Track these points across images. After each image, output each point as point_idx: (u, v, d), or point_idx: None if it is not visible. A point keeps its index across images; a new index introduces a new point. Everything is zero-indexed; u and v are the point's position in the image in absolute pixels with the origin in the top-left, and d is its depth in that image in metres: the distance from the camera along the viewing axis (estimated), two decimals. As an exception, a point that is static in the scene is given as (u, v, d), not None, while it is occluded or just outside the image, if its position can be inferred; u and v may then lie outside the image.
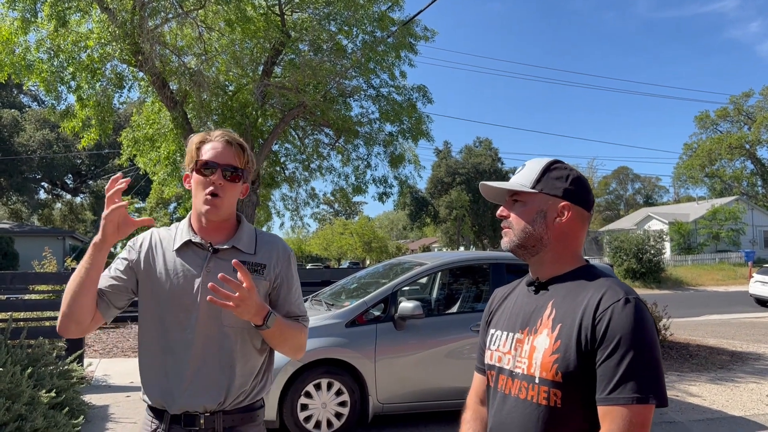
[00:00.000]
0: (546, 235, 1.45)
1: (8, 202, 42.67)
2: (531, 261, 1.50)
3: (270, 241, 1.87)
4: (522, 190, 1.48)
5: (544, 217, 1.45)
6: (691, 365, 8.68)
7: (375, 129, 12.72)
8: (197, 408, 1.72)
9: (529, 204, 1.47)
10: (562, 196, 1.45)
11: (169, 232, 1.86)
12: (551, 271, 1.47)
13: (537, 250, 1.47)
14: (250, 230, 1.87)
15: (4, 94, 38.39)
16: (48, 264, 12.29)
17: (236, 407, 1.76)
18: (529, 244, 1.46)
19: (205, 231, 1.80)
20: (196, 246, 1.79)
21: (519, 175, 1.53)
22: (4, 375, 4.17)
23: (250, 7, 10.10)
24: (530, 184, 1.48)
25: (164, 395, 1.74)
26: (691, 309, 17.86)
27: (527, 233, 1.46)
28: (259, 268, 1.79)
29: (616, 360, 1.25)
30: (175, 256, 1.78)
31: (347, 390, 5.21)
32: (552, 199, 1.46)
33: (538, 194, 1.47)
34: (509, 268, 6.00)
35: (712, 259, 37.55)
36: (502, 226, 1.52)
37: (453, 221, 47.39)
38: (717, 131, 58.04)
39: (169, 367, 1.74)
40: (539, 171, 1.49)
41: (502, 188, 1.51)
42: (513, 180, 1.52)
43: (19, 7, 9.30)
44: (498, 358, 1.49)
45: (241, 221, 1.87)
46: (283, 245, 1.88)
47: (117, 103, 11.62)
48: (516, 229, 1.48)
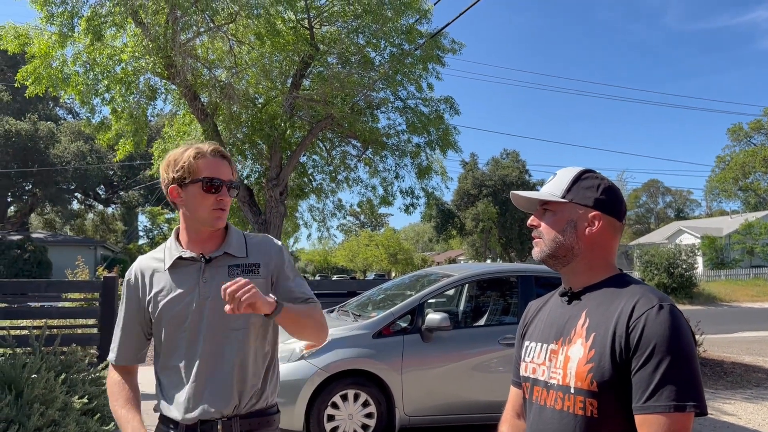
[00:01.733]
0: (577, 245, 1.44)
1: (43, 213, 43.68)
2: (563, 271, 1.49)
3: (260, 241, 1.90)
4: (552, 199, 1.47)
5: (574, 227, 1.44)
6: (726, 383, 8.46)
7: (402, 141, 12.76)
8: (214, 414, 1.73)
9: (559, 214, 1.46)
10: (593, 205, 1.44)
11: (156, 254, 1.89)
12: (584, 280, 1.45)
13: (568, 260, 1.45)
14: (238, 235, 1.90)
15: (41, 107, 39.43)
16: (80, 273, 12.52)
17: (251, 410, 1.77)
18: (560, 254, 1.45)
19: (195, 243, 1.83)
20: (187, 260, 1.81)
21: (550, 184, 1.52)
22: (39, 381, 4.25)
23: (280, 21, 10.25)
24: (561, 193, 1.47)
25: (179, 406, 1.76)
26: (724, 325, 17.43)
27: (558, 243, 1.45)
28: (254, 267, 1.82)
29: (651, 367, 1.24)
30: (168, 274, 1.81)
31: (374, 401, 5.19)
32: (582, 208, 1.44)
33: (569, 204, 1.45)
34: (538, 281, 5.94)
35: (746, 275, 36.68)
36: (533, 236, 1.51)
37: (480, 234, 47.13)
38: (751, 144, 56.92)
39: (182, 379, 1.76)
40: (570, 180, 1.47)
41: (532, 198, 1.51)
42: (544, 189, 1.52)
43: (57, 22, 9.56)
44: (533, 369, 1.48)
45: (228, 228, 1.90)
46: (273, 242, 1.91)
47: (150, 116, 11.85)
48: (546, 239, 1.47)
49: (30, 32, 10.27)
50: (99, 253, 32.54)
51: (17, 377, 4.25)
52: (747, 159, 53.64)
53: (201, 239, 1.83)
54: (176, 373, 1.78)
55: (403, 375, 5.22)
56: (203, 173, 1.77)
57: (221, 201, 1.78)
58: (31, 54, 10.04)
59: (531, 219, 1.52)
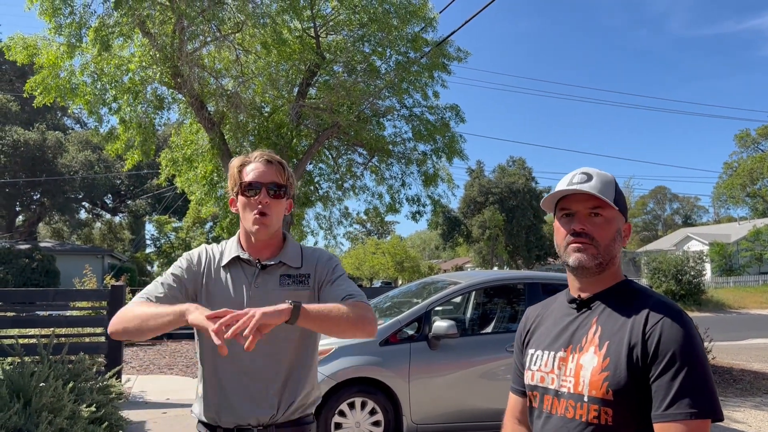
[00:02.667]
0: (618, 254, 1.42)
1: (50, 222, 43.89)
2: (592, 279, 1.42)
3: (314, 253, 1.92)
4: (611, 204, 1.38)
5: (620, 236, 1.42)
6: (735, 390, 8.40)
7: (408, 148, 12.78)
8: (250, 421, 1.75)
9: (611, 221, 1.40)
10: (624, 215, 1.44)
11: (219, 248, 1.91)
12: (595, 288, 1.44)
13: (608, 267, 1.41)
14: (295, 246, 1.91)
15: (49, 117, 39.71)
16: (88, 282, 12.58)
17: (288, 420, 1.78)
18: (606, 262, 1.40)
19: (254, 248, 1.85)
20: (244, 262, 1.84)
21: (590, 185, 1.39)
22: (47, 389, 4.26)
23: (286, 30, 10.30)
24: (612, 199, 1.39)
25: (218, 410, 1.78)
26: (733, 332, 17.31)
27: (610, 251, 1.39)
28: (304, 278, 1.83)
29: (670, 375, 1.24)
30: (224, 271, 1.83)
31: (381, 409, 5.18)
32: (622, 218, 1.42)
33: (616, 211, 1.40)
34: (545, 288, 5.93)
35: (755, 281, 36.44)
36: (582, 241, 1.38)
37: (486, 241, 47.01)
38: (758, 150, 56.66)
39: (222, 382, 1.78)
40: (614, 186, 1.41)
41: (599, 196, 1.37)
42: (590, 189, 1.39)
43: (65, 32, 9.64)
44: (540, 378, 1.45)
45: (286, 238, 1.92)
46: (323, 253, 1.93)
47: (157, 125, 11.92)
48: (602, 246, 1.38)
49: (38, 43, 10.36)
50: (106, 261, 32.63)
51: (26, 386, 4.27)
52: (755, 165, 53.37)
53: (258, 247, 1.85)
54: (217, 375, 1.79)
55: (410, 383, 5.21)
56: (245, 179, 1.80)
57: (260, 204, 1.77)
58: (40, 65, 10.13)
59: (581, 225, 1.38)
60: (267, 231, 1.80)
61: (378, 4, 10.79)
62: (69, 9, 9.50)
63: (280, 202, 1.81)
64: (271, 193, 1.79)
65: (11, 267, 26.81)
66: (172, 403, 7.01)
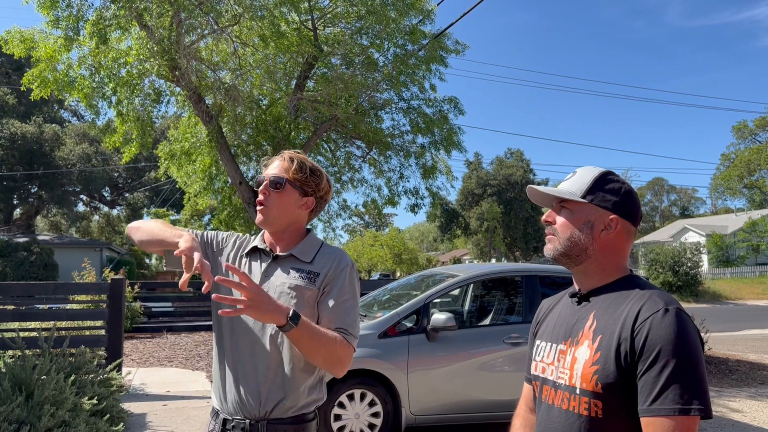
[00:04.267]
0: (591, 246, 1.44)
1: (48, 215, 43.85)
2: (574, 271, 1.50)
3: (331, 253, 1.92)
4: (572, 198, 1.46)
5: (591, 228, 1.44)
6: (731, 381, 8.47)
7: (407, 141, 12.78)
8: (243, 414, 1.78)
9: (577, 213, 1.46)
10: (612, 209, 1.44)
11: (250, 239, 2.02)
12: (594, 282, 1.47)
13: (581, 260, 1.46)
14: (314, 242, 1.95)
15: (46, 110, 39.56)
16: (87, 275, 12.60)
17: (282, 417, 1.78)
18: (573, 254, 1.46)
19: (273, 240, 1.93)
20: (261, 252, 1.93)
21: (569, 181, 1.51)
22: (49, 382, 4.30)
23: (284, 23, 10.28)
24: (581, 193, 1.46)
25: (219, 398, 1.86)
26: (730, 323, 17.41)
27: (572, 242, 1.45)
28: (312, 276, 1.84)
29: (656, 370, 1.25)
30: (245, 259, 1.94)
31: (380, 401, 5.23)
32: (602, 210, 1.45)
33: (587, 204, 1.45)
34: (542, 280, 5.97)
35: (752, 272, 36.58)
36: (547, 232, 1.51)
37: (484, 233, 47.11)
38: (756, 141, 56.72)
39: (224, 372, 1.86)
40: (591, 180, 1.47)
41: (551, 194, 1.50)
42: (562, 186, 1.51)
43: (62, 25, 9.61)
44: (542, 369, 1.50)
45: (308, 233, 1.97)
46: (342, 257, 1.90)
47: (155, 117, 11.90)
48: (561, 237, 1.47)
49: (35, 36, 10.32)
50: (105, 254, 32.65)
51: (28, 378, 4.31)
52: (752, 156, 53.44)
53: (275, 238, 1.93)
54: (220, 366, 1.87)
55: (408, 374, 5.26)
56: None
57: (260, 195, 1.88)
58: (37, 58, 10.10)
59: (546, 215, 1.52)
60: (265, 221, 1.88)
61: (376, -4, 10.76)
62: (66, 2, 9.47)
63: (281, 194, 1.87)
64: (272, 186, 1.87)
65: (9, 260, 26.81)
66: (173, 395, 7.06)
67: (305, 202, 1.91)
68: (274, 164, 1.92)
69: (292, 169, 1.89)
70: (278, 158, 1.93)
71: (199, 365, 8.90)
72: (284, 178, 1.87)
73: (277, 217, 1.88)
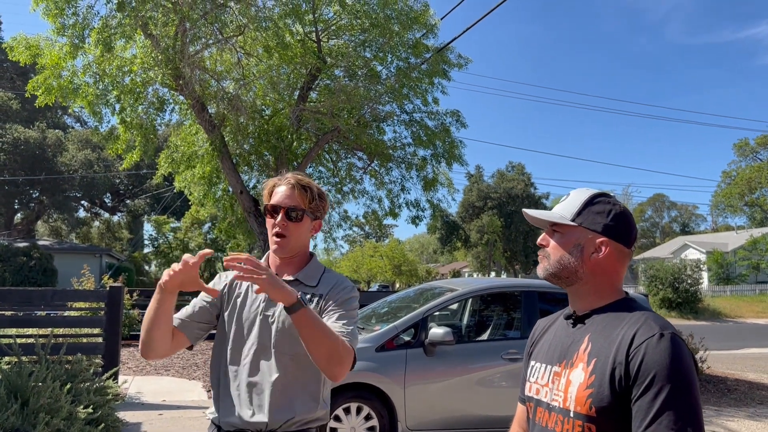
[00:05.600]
0: (581, 269, 1.45)
1: (49, 220, 43.86)
2: (568, 291, 1.51)
3: (333, 276, 1.98)
4: (561, 222, 1.48)
5: (580, 251, 1.45)
6: (729, 400, 8.43)
7: (408, 153, 12.82)
8: (248, 427, 1.81)
9: (567, 236, 1.47)
10: (601, 231, 1.45)
11: None
12: (588, 304, 1.47)
13: (571, 281, 1.47)
14: (317, 267, 1.99)
15: (50, 115, 39.71)
16: (86, 281, 12.58)
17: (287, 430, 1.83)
18: (563, 275, 1.47)
19: (279, 265, 1.96)
20: None
21: (561, 205, 1.53)
22: (45, 390, 4.28)
23: (288, 34, 10.34)
24: (570, 216, 1.48)
25: (221, 412, 1.87)
26: (729, 341, 17.35)
27: (562, 264, 1.47)
28: (316, 297, 1.90)
29: (651, 396, 1.24)
30: (248, 286, 1.95)
31: (376, 415, 5.20)
32: (591, 233, 1.45)
33: (577, 227, 1.47)
34: (542, 296, 5.96)
35: (751, 291, 36.49)
36: (539, 254, 1.54)
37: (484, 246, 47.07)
38: (757, 159, 56.76)
39: (227, 386, 1.87)
40: (581, 203, 1.48)
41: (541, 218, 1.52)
42: (555, 210, 1.53)
43: (68, 33, 9.67)
44: (536, 390, 1.50)
45: (311, 258, 2.00)
46: (342, 281, 1.97)
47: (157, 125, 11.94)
48: (552, 259, 1.49)
49: (41, 43, 10.39)
50: (104, 261, 32.60)
51: (23, 386, 4.29)
52: (753, 174, 53.45)
53: (282, 264, 1.96)
54: (223, 380, 1.89)
55: (405, 389, 5.24)
56: (268, 201, 1.93)
57: (276, 225, 1.88)
58: (42, 65, 10.16)
59: (541, 238, 1.53)
60: (283, 251, 1.91)
61: (380, 9, 10.84)
62: (72, 10, 9.54)
63: (299, 224, 1.91)
64: (290, 217, 1.89)
65: (9, 265, 26.78)
66: (168, 404, 7.03)
67: (314, 225, 1.97)
68: (285, 191, 1.92)
69: (307, 198, 1.93)
70: (286, 184, 1.93)
71: (195, 375, 8.87)
72: (302, 210, 1.91)
73: (294, 247, 1.93)
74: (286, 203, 1.89)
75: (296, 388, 1.83)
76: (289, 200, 1.89)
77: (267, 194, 1.95)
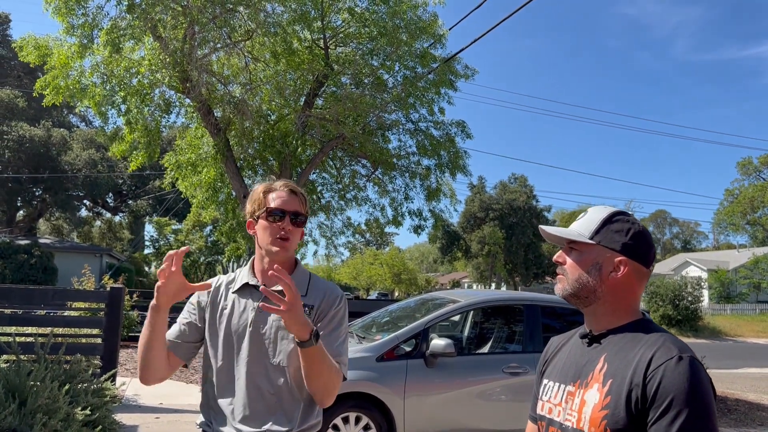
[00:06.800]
0: (600, 288, 1.42)
1: (51, 218, 43.88)
2: (585, 311, 1.48)
3: (323, 285, 1.97)
4: (579, 240, 1.45)
5: (599, 270, 1.43)
6: (729, 420, 8.37)
7: (412, 162, 12.83)
8: None
9: (586, 254, 1.45)
10: (620, 250, 1.42)
11: (232, 276, 2.01)
12: (605, 324, 1.45)
13: (590, 301, 1.44)
14: (304, 274, 1.98)
15: (55, 114, 39.81)
16: (86, 281, 12.56)
17: None
18: (582, 295, 1.44)
19: (264, 273, 1.92)
20: (253, 288, 1.91)
21: (579, 222, 1.50)
22: (43, 390, 4.26)
23: (296, 40, 10.38)
24: (589, 234, 1.45)
25: (214, 425, 1.85)
26: (729, 360, 17.27)
27: (581, 284, 1.44)
28: (307, 309, 1.86)
29: (668, 419, 1.22)
30: (235, 296, 1.93)
31: (375, 425, 5.16)
32: (609, 252, 1.43)
33: (596, 246, 1.44)
34: (544, 310, 5.93)
35: (752, 310, 36.37)
36: (557, 272, 1.50)
37: (485, 257, 46.99)
38: (760, 178, 56.77)
39: (219, 399, 1.85)
40: (600, 221, 1.46)
41: (561, 236, 1.49)
42: (573, 227, 1.50)
43: (77, 33, 9.72)
44: (549, 409, 1.48)
45: (297, 265, 1.99)
46: (334, 290, 1.97)
47: (162, 127, 11.97)
48: (570, 278, 1.46)
49: (50, 44, 10.42)
50: (105, 261, 32.59)
51: (21, 385, 4.27)
52: (756, 193, 53.41)
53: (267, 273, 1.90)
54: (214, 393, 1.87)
55: (405, 400, 5.20)
56: (269, 205, 1.90)
57: (283, 230, 1.88)
58: (51, 65, 10.19)
59: (557, 255, 1.51)
60: (285, 253, 1.89)
61: (388, 18, 10.87)
62: (82, 10, 9.58)
63: (299, 230, 1.92)
64: (294, 221, 1.90)
65: (10, 262, 26.77)
66: (165, 407, 6.99)
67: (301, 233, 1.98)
68: (287, 196, 1.92)
69: (305, 204, 1.96)
70: (286, 191, 1.93)
71: (193, 378, 8.83)
72: (305, 215, 1.94)
73: (292, 251, 1.93)
74: (292, 208, 1.90)
75: (290, 398, 1.83)
76: (292, 205, 1.90)
77: (261, 199, 1.92)
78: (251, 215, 1.95)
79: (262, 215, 1.90)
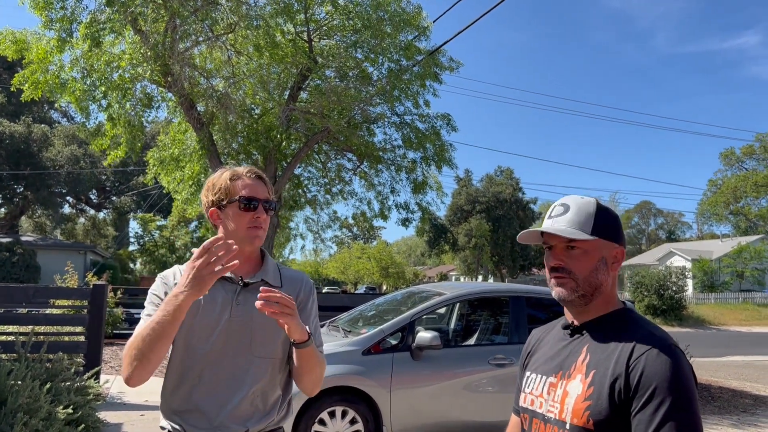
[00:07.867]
0: (606, 283, 1.40)
1: (33, 216, 43.36)
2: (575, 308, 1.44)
3: (293, 275, 1.94)
4: (584, 238, 1.38)
5: (605, 264, 1.40)
6: (713, 408, 8.46)
7: (398, 155, 12.80)
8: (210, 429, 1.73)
9: (591, 252, 1.39)
10: (615, 239, 1.41)
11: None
12: (588, 315, 1.43)
13: (594, 297, 1.40)
14: (273, 264, 1.92)
15: (36, 110, 39.28)
16: (70, 279, 12.41)
17: None
18: (589, 293, 1.39)
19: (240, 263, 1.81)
20: (225, 280, 1.80)
21: (566, 218, 1.41)
22: (24, 389, 4.20)
23: (279, 33, 10.28)
24: (589, 229, 1.39)
25: (190, 422, 1.75)
26: (713, 349, 17.48)
27: (591, 283, 1.39)
28: None
29: (652, 408, 1.22)
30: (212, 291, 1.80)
31: (361, 419, 5.15)
32: (608, 244, 1.40)
33: (598, 240, 1.39)
34: (529, 301, 5.94)
35: (735, 299, 36.85)
36: (559, 275, 1.41)
37: (472, 249, 47.12)
38: (743, 168, 57.43)
39: (197, 395, 1.75)
40: (594, 215, 1.40)
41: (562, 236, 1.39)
42: (558, 224, 1.41)
43: (56, 27, 9.55)
44: (531, 401, 1.47)
45: (264, 256, 1.92)
46: (306, 279, 1.95)
47: (145, 123, 11.83)
48: (581, 279, 1.38)
49: (28, 38, 10.25)
50: (89, 258, 32.29)
51: (1, 385, 4.20)
52: (738, 183, 54.08)
53: (245, 260, 1.85)
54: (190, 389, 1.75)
55: (391, 393, 5.19)
56: (240, 193, 1.81)
57: (257, 219, 1.81)
58: (29, 60, 10.02)
59: (555, 261, 1.41)
60: (261, 242, 1.84)
61: (372, 11, 10.81)
62: (61, 3, 9.42)
63: (268, 218, 1.85)
64: (267, 209, 1.84)
65: (-9, 260, 26.45)
66: (150, 404, 6.93)
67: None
68: (255, 184, 1.83)
69: (272, 190, 1.89)
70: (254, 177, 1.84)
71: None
72: (275, 203, 1.88)
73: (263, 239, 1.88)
74: (263, 195, 1.82)
75: (274, 392, 1.80)
76: (263, 193, 1.83)
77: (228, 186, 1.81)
78: (216, 204, 1.83)
79: (231, 203, 1.81)
